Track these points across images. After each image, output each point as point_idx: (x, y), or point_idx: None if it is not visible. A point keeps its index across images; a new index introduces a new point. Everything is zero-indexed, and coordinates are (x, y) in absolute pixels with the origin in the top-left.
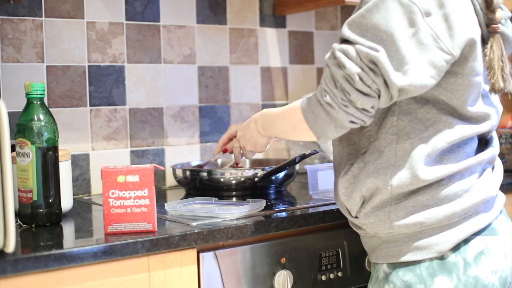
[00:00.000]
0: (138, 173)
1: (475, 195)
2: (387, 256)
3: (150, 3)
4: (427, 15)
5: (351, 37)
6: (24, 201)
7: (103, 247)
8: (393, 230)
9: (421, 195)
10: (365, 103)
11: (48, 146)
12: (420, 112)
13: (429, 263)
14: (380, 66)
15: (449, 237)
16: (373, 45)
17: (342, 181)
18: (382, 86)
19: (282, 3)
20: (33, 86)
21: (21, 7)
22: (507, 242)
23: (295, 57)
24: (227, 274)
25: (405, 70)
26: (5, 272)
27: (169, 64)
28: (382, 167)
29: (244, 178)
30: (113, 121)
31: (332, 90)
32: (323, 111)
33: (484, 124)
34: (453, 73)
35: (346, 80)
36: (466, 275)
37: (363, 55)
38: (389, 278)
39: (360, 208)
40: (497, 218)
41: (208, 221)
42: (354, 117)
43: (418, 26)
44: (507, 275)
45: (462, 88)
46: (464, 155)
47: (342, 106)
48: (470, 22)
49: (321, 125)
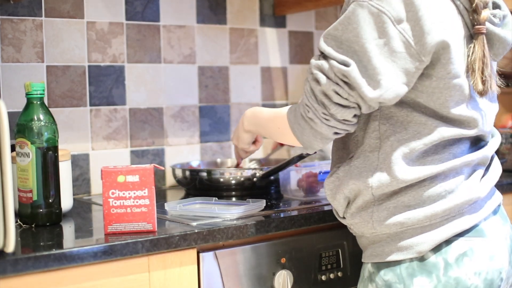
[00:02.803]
0: (138, 173)
1: (459, 196)
2: (372, 255)
3: (150, 3)
4: (398, 22)
5: (326, 51)
6: (24, 201)
7: (103, 247)
8: (376, 230)
9: (403, 196)
10: (345, 115)
11: (48, 146)
12: (400, 115)
13: (409, 263)
14: (352, 80)
15: (430, 237)
16: (345, 59)
17: (327, 183)
18: (359, 98)
19: (282, 3)
20: (33, 86)
21: (21, 7)
22: (495, 244)
23: (295, 57)
24: (227, 274)
25: (378, 80)
26: (5, 272)
27: (169, 64)
28: (365, 170)
29: (244, 178)
30: (113, 121)
31: (313, 105)
32: (307, 125)
33: (469, 128)
34: (428, 76)
35: (324, 95)
36: (447, 276)
37: (336, 70)
38: (372, 277)
39: (346, 208)
40: (487, 219)
41: (208, 221)
42: (336, 128)
43: (390, 34)
44: (493, 277)
45: (438, 91)
46: (450, 155)
47: (324, 120)
48: (444, 24)
49: (307, 137)
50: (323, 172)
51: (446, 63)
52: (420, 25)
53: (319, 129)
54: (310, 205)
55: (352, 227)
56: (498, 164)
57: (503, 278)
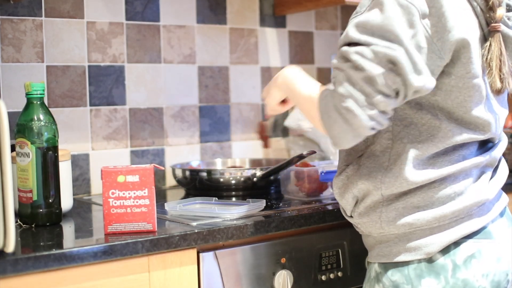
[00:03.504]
0: (138, 173)
1: (469, 198)
2: (379, 255)
3: (150, 3)
4: (423, 16)
5: (362, 39)
6: (24, 201)
7: (103, 247)
8: (384, 231)
9: (412, 197)
10: (386, 105)
11: (48, 146)
12: (415, 117)
13: (417, 264)
14: (400, 66)
15: (438, 239)
16: (388, 44)
17: (336, 181)
18: (402, 86)
19: (282, 3)
20: (33, 86)
21: (21, 7)
22: (502, 246)
23: (295, 57)
24: (227, 274)
25: (419, 69)
26: (5, 272)
27: (169, 64)
28: (375, 170)
29: (244, 178)
30: (113, 121)
31: (352, 93)
32: (340, 118)
33: (482, 133)
34: (448, 74)
35: (367, 82)
36: (455, 278)
37: (381, 55)
38: (379, 277)
39: (354, 208)
40: (495, 221)
41: (208, 221)
42: (376, 121)
43: (417, 28)
44: (500, 279)
45: (457, 90)
46: (459, 157)
47: (367, 109)
48: (465, 23)
49: (337, 131)
50: (324, 172)
51: (466, 62)
52: (442, 22)
53: (357, 121)
54: (310, 205)
55: (360, 226)
56: (506, 166)
57: (510, 280)
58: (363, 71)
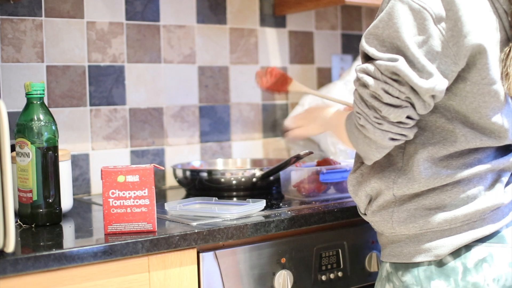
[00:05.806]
0: (138, 173)
1: (482, 202)
2: (390, 255)
3: (150, 3)
4: (439, 20)
5: (370, 52)
6: (24, 201)
7: (103, 247)
8: (395, 231)
9: (425, 199)
10: (398, 115)
11: (48, 146)
12: (429, 120)
13: (427, 266)
14: (402, 74)
15: (449, 241)
16: (391, 56)
17: (350, 178)
18: (411, 93)
19: (282, 3)
20: (33, 86)
21: (21, 7)
22: None
23: (295, 57)
24: (227, 274)
25: (428, 71)
26: (5, 272)
27: (169, 64)
28: (388, 169)
29: (244, 178)
30: (113, 121)
31: (363, 110)
32: (361, 134)
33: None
34: (463, 79)
35: (374, 97)
36: (465, 281)
37: (383, 69)
38: (390, 277)
39: (367, 205)
40: (509, 226)
41: (208, 221)
42: (391, 133)
43: (430, 32)
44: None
45: (472, 96)
46: (475, 161)
47: (376, 124)
48: (483, 28)
49: (362, 147)
50: (325, 172)
51: (482, 68)
52: (459, 26)
53: (372, 136)
54: (310, 205)
55: (373, 224)
56: None
57: None
58: (369, 87)
